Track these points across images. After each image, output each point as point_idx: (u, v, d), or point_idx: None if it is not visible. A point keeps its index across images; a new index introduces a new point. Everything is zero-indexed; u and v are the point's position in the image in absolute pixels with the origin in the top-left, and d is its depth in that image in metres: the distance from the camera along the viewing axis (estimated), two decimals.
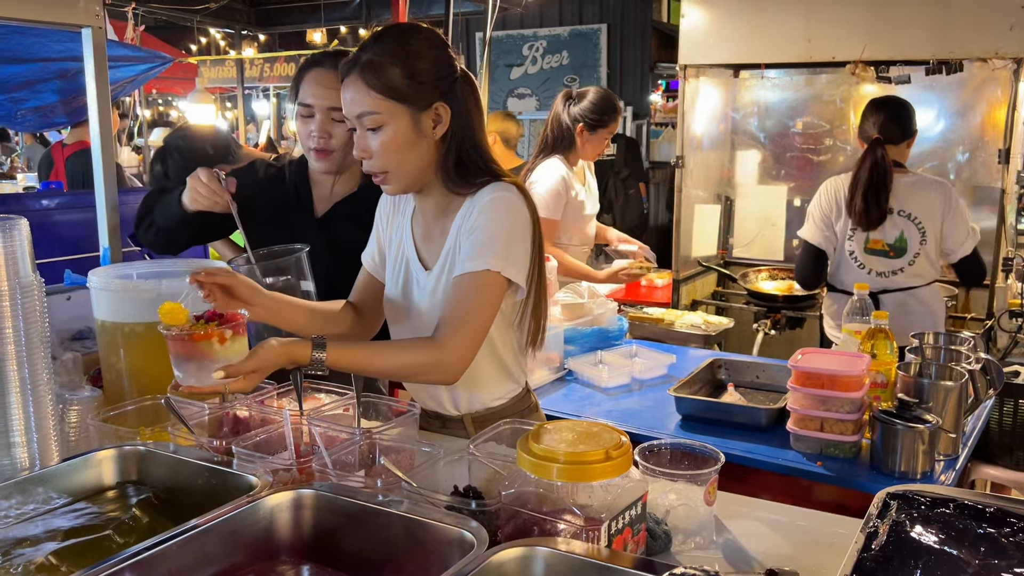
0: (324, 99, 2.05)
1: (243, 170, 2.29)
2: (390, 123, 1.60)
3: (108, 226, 2.35)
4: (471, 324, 1.57)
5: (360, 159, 1.66)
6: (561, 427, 1.23)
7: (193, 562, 1.12)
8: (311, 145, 2.08)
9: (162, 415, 1.57)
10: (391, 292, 1.82)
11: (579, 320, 3.01)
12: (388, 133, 1.60)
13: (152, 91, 11.45)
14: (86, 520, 1.28)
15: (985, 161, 4.05)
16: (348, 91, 1.61)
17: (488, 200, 1.62)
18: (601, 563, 1.03)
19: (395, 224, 1.84)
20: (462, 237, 1.64)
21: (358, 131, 1.64)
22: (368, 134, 1.62)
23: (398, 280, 1.79)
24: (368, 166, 1.65)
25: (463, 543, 1.09)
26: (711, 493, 1.38)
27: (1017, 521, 1.17)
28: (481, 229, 1.60)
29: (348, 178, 2.19)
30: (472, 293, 1.58)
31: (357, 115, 1.61)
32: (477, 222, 1.61)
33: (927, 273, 3.10)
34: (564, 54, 8.03)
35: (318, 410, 1.62)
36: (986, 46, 3.59)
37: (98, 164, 2.32)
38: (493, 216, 1.61)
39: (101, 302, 1.81)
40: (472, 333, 1.57)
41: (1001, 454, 2.75)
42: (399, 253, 1.80)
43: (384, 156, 1.62)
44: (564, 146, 3.42)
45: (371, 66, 1.59)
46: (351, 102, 1.61)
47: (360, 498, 1.22)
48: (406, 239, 1.79)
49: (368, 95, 1.59)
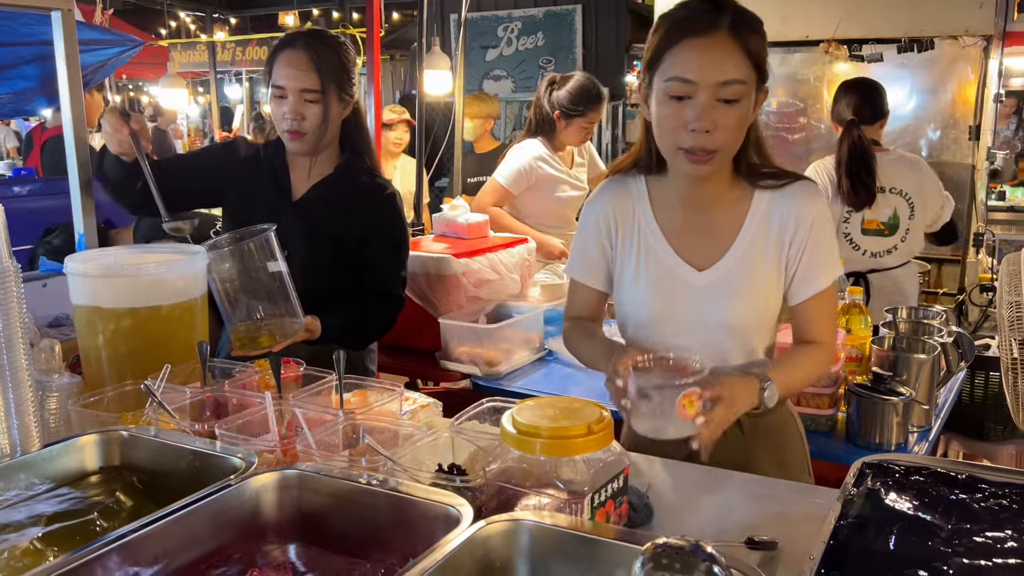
0: (296, 80, 2.03)
1: (227, 145, 2.28)
2: (746, 96, 1.44)
3: (83, 211, 2.33)
4: (836, 324, 1.69)
5: (705, 131, 1.43)
6: (543, 403, 1.24)
7: (179, 544, 1.13)
8: (284, 127, 2.07)
9: (143, 400, 1.56)
10: (636, 295, 1.64)
11: (558, 301, 3.02)
12: (743, 107, 1.44)
13: (122, 76, 11.26)
14: (70, 505, 1.27)
15: (956, 138, 4.11)
16: (714, 52, 1.41)
17: (819, 211, 1.56)
18: (585, 535, 1.05)
19: (626, 221, 1.66)
20: (802, 244, 1.55)
21: (702, 100, 1.42)
22: (719, 106, 1.42)
23: (644, 280, 1.63)
24: (702, 141, 1.44)
25: (448, 519, 1.11)
26: (687, 407, 1.31)
27: (988, 487, 1.20)
28: (828, 239, 1.58)
29: (324, 159, 2.18)
30: (833, 298, 1.62)
31: (721, 82, 1.41)
32: (824, 232, 1.56)
33: (914, 248, 3.17)
34: (539, 35, 8.00)
35: (302, 391, 1.62)
36: (956, 24, 3.64)
37: (71, 149, 2.29)
38: (820, 227, 1.56)
39: (78, 288, 1.80)
40: None
41: (972, 425, 2.81)
42: (641, 252, 1.63)
43: (732, 133, 1.46)
44: (546, 130, 3.47)
45: (746, 26, 1.43)
46: (719, 66, 1.41)
47: (344, 477, 1.23)
48: (652, 235, 1.62)
49: (743, 61, 1.42)
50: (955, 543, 1.07)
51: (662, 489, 1.46)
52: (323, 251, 2.13)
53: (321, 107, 2.05)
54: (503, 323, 2.69)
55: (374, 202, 2.18)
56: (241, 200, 2.17)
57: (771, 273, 1.58)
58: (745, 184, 1.59)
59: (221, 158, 2.24)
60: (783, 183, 1.57)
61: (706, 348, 1.49)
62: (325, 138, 2.11)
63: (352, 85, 2.15)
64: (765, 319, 1.62)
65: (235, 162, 2.20)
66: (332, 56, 2.08)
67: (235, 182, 2.19)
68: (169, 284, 1.78)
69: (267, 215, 2.00)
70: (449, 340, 2.71)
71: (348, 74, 2.12)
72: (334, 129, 2.14)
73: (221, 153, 2.27)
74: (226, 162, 2.22)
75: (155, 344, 1.76)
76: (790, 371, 1.56)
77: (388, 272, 2.20)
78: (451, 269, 2.81)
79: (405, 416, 1.61)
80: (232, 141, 2.30)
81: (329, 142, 2.15)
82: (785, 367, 1.56)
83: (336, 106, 2.10)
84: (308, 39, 2.07)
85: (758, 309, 1.60)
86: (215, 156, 2.28)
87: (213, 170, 2.22)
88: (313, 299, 1.98)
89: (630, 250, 1.65)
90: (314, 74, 2.03)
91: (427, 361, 2.78)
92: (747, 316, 1.59)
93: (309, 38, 2.08)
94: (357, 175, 2.19)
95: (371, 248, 2.17)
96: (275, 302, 1.90)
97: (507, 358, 2.65)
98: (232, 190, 2.20)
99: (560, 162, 3.51)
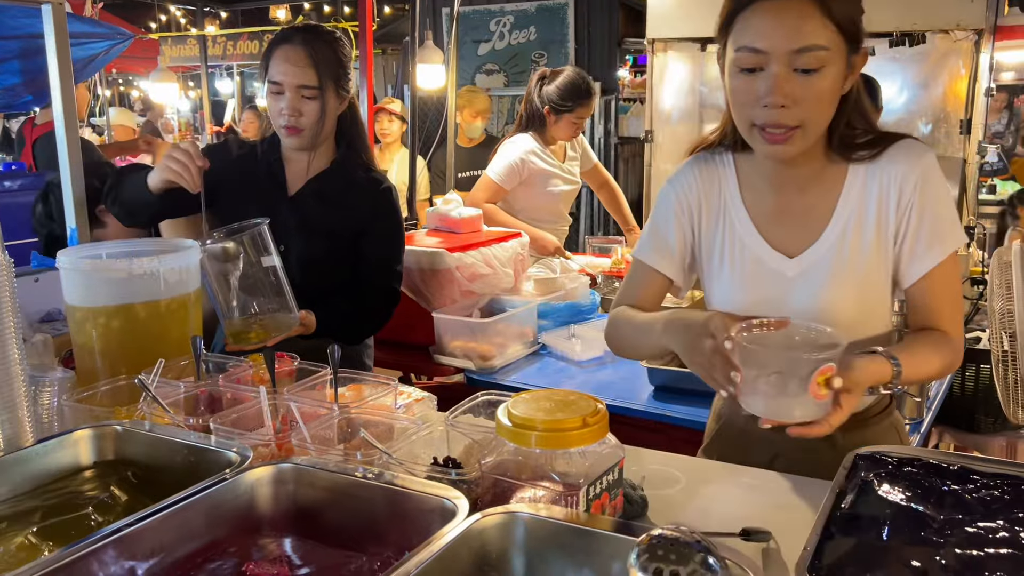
0: (293, 76, 2.02)
1: (217, 147, 2.27)
2: (832, 64, 1.28)
3: (75, 206, 2.32)
4: (962, 310, 1.41)
5: (780, 105, 1.28)
6: (539, 396, 1.24)
7: (175, 538, 1.13)
8: (281, 123, 2.07)
9: (136, 395, 1.56)
10: (721, 286, 1.51)
11: (552, 295, 3.03)
12: (827, 76, 1.28)
13: (112, 70, 11.19)
14: (64, 500, 1.28)
15: (948, 132, 4.13)
16: (787, 16, 1.26)
17: (924, 170, 1.36)
18: (580, 527, 1.06)
19: (712, 203, 1.51)
20: (906, 214, 1.37)
21: (775, 71, 1.27)
22: (796, 77, 1.27)
23: (729, 269, 1.49)
24: (778, 116, 1.29)
25: (444, 512, 1.11)
26: (821, 385, 1.15)
27: (980, 478, 1.21)
28: (940, 202, 1.37)
29: (321, 155, 2.18)
30: (956, 276, 1.40)
31: (796, 49, 1.25)
32: (933, 193, 1.37)
33: None
34: (531, 29, 7.98)
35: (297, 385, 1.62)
36: (948, 18, 3.65)
37: (63, 144, 2.28)
38: (930, 187, 1.37)
39: (71, 283, 1.79)
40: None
41: (963, 417, 2.83)
42: (727, 237, 1.49)
43: (814, 106, 1.30)
44: (536, 124, 3.48)
45: None
46: (792, 32, 1.25)
47: (340, 471, 1.23)
48: (738, 219, 1.48)
49: (824, 23, 1.25)
50: (947, 533, 1.08)
51: (657, 481, 1.46)
52: (319, 245, 2.13)
53: (319, 103, 2.05)
54: (497, 317, 2.69)
55: (370, 196, 2.18)
56: (236, 197, 2.16)
57: (873, 258, 1.41)
58: (839, 160, 1.42)
59: (213, 161, 2.21)
60: (879, 150, 1.40)
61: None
62: (322, 134, 2.11)
63: (348, 80, 2.15)
64: (869, 313, 1.45)
65: (227, 163, 2.19)
66: (329, 52, 2.07)
67: (228, 182, 2.18)
68: (162, 278, 1.77)
69: (263, 211, 1.99)
70: (443, 334, 2.72)
71: (345, 69, 2.12)
72: (331, 124, 2.14)
73: (212, 156, 2.24)
74: (216, 166, 2.20)
75: (148, 339, 1.76)
76: (914, 355, 1.33)
77: (384, 266, 2.20)
78: (444, 263, 2.81)
79: (400, 410, 1.61)
80: (223, 143, 2.30)
81: (326, 137, 2.15)
82: (908, 351, 1.34)
83: (333, 102, 2.10)
84: (305, 35, 2.06)
85: (858, 300, 1.43)
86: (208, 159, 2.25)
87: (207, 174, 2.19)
88: (309, 293, 1.98)
89: (716, 236, 1.50)
90: (311, 70, 2.03)
91: (421, 355, 2.78)
92: (845, 308, 1.42)
93: (306, 34, 2.07)
94: (353, 170, 2.19)
95: (367, 242, 2.17)
96: (269, 296, 1.90)
97: (501, 352, 2.66)
98: (225, 190, 2.19)
99: (552, 156, 3.52)
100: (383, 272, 2.20)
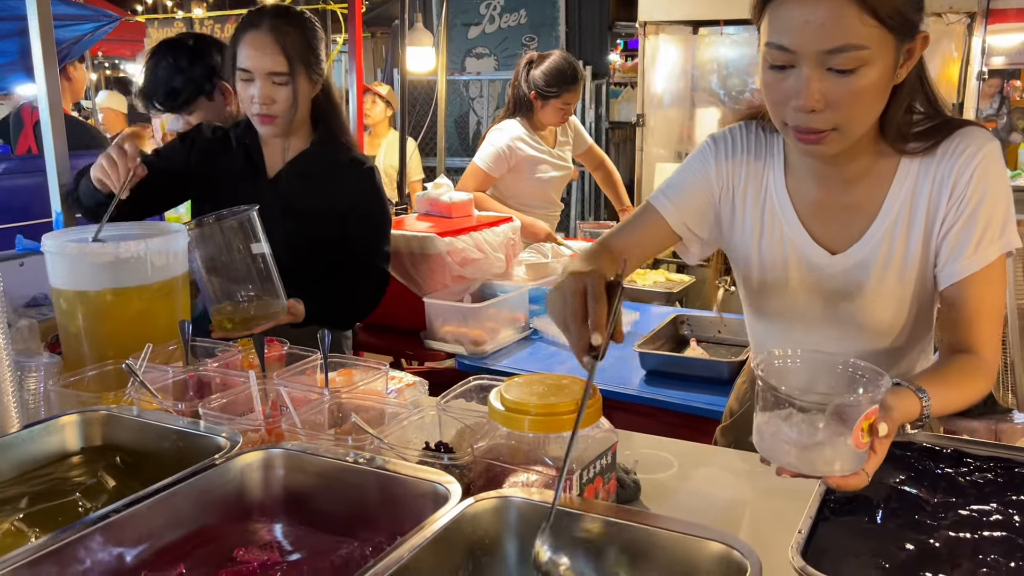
0: (263, 63, 1.97)
1: (189, 135, 2.24)
2: (874, 62, 1.14)
3: (60, 190, 2.29)
4: (1000, 327, 1.25)
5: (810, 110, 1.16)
6: (532, 380, 1.23)
7: (164, 523, 1.11)
8: (254, 111, 2.02)
9: (124, 380, 1.54)
10: (754, 277, 1.44)
11: (544, 280, 3.02)
12: (869, 76, 1.14)
13: (98, 53, 11.08)
14: (52, 485, 1.26)
15: None
16: (819, 11, 1.11)
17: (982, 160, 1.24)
18: (573, 511, 1.05)
19: (755, 181, 1.40)
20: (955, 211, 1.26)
21: (805, 72, 1.15)
22: (830, 78, 1.14)
23: (766, 261, 1.41)
24: (809, 120, 1.19)
25: (436, 496, 1.10)
26: (865, 432, 1.00)
27: (972, 461, 1.21)
28: (992, 200, 1.24)
29: (299, 137, 2.15)
30: (999, 284, 1.25)
31: (828, 50, 1.12)
32: (984, 190, 1.24)
33: None
34: (522, 12, 7.92)
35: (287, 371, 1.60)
36: (941, 0, 3.63)
37: (47, 126, 2.25)
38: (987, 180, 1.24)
39: (56, 267, 1.77)
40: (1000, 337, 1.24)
41: None
42: (765, 224, 1.40)
43: (851, 108, 1.17)
44: (524, 110, 3.44)
45: None
46: (823, 30, 1.11)
47: (331, 456, 1.22)
48: (780, 206, 1.38)
49: (863, 19, 1.11)
50: (941, 516, 1.08)
51: (650, 465, 1.46)
52: (303, 227, 2.10)
53: (290, 89, 2.01)
54: (488, 302, 2.68)
55: (352, 176, 2.15)
56: (213, 183, 2.13)
57: (920, 258, 1.31)
58: (891, 152, 1.30)
59: (184, 153, 2.18)
60: (934, 141, 1.27)
61: (841, 347, 1.30)
62: (296, 119, 2.07)
63: (320, 63, 2.10)
64: (912, 317, 1.36)
65: (201, 149, 2.16)
66: (298, 35, 2.02)
67: (204, 169, 2.15)
68: (149, 263, 1.75)
69: (242, 195, 1.96)
70: (434, 319, 2.70)
71: (315, 53, 2.07)
72: (304, 109, 2.10)
73: (182, 148, 2.20)
74: (190, 154, 2.17)
75: (136, 323, 1.74)
76: (944, 387, 1.18)
77: (371, 246, 2.17)
78: (435, 248, 2.80)
79: (391, 395, 1.60)
80: (195, 128, 2.24)
81: (301, 122, 2.12)
82: (938, 382, 1.18)
83: (305, 86, 2.06)
84: (273, 20, 2.01)
85: (902, 303, 1.35)
86: (177, 153, 2.20)
87: (177, 168, 2.15)
88: (295, 278, 1.96)
89: (754, 217, 1.40)
90: (281, 56, 1.98)
91: (412, 341, 2.77)
92: (887, 311, 1.34)
93: (274, 19, 2.01)
94: (333, 150, 2.16)
95: (352, 223, 2.14)
96: (257, 284, 1.88)
97: (492, 337, 2.65)
98: (201, 177, 2.16)
99: (541, 142, 3.48)
100: (370, 253, 2.17)
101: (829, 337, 1.40)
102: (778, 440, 1.02)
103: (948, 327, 1.30)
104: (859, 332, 1.38)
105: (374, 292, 2.19)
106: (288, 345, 1.71)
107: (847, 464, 1.00)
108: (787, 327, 1.46)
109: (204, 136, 2.19)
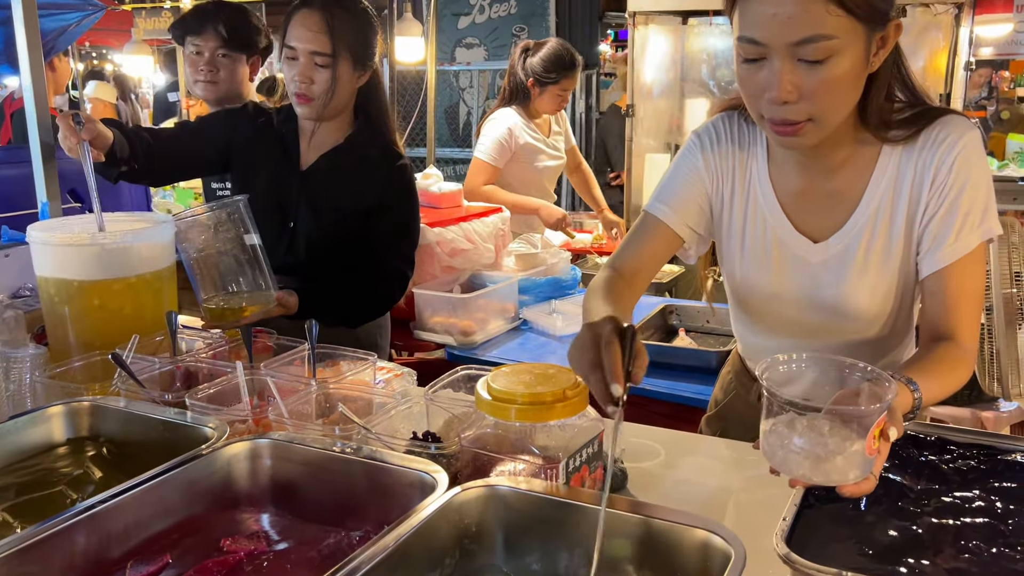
0: (307, 43, 1.94)
1: (236, 112, 2.21)
2: (844, 51, 1.15)
3: (45, 180, 2.27)
4: (980, 314, 1.26)
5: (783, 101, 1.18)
6: (519, 370, 1.24)
7: (151, 514, 1.12)
8: (293, 90, 1.99)
9: (111, 371, 1.54)
10: (739, 267, 1.44)
11: (533, 270, 3.02)
12: (840, 65, 1.15)
13: (85, 43, 10.98)
14: (38, 476, 1.26)
15: None
16: (787, 3, 1.12)
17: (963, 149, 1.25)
18: (560, 499, 1.05)
19: (740, 172, 1.42)
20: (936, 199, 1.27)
21: (776, 65, 1.17)
22: (802, 68, 1.16)
23: (749, 250, 1.42)
24: (783, 112, 1.20)
25: (424, 485, 1.10)
26: (876, 439, 1.00)
27: (956, 449, 1.22)
28: (972, 188, 1.25)
29: (336, 128, 2.10)
30: (978, 272, 1.27)
31: (796, 41, 1.14)
32: (965, 178, 1.25)
33: None
34: (512, 3, 7.89)
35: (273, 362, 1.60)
36: None
37: (31, 116, 2.23)
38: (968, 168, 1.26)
39: (43, 258, 1.76)
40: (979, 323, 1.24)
41: None
42: (749, 213, 1.41)
43: (825, 97, 1.18)
44: (520, 98, 3.44)
45: None
46: (791, 22, 1.13)
47: (318, 445, 1.22)
48: (763, 196, 1.39)
49: (827, 11, 1.12)
50: (924, 503, 1.09)
51: (636, 454, 1.46)
52: (327, 223, 2.05)
53: (330, 72, 1.95)
54: (478, 293, 2.68)
55: (383, 174, 2.08)
56: (248, 168, 2.11)
57: (902, 247, 1.33)
58: (872, 140, 1.32)
59: (226, 125, 2.16)
60: (916, 129, 1.29)
61: (824, 338, 1.32)
62: (333, 105, 2.01)
63: (369, 54, 2.03)
64: (895, 305, 1.37)
65: (243, 128, 2.13)
66: (349, 19, 1.97)
67: (242, 149, 2.12)
68: (136, 253, 1.74)
69: (273, 183, 1.93)
70: (423, 310, 2.70)
71: (364, 42, 2.01)
72: (344, 96, 2.03)
73: (226, 120, 2.19)
74: (232, 129, 2.14)
75: (123, 314, 1.73)
76: (932, 378, 1.18)
77: (394, 248, 2.08)
78: (425, 239, 2.79)
79: (379, 386, 1.60)
80: (243, 107, 2.21)
81: (339, 110, 2.06)
82: (926, 373, 1.18)
83: (347, 73, 1.99)
84: (325, 0, 1.95)
85: (886, 292, 1.36)
86: (220, 124, 2.19)
87: (217, 138, 2.14)
88: (314, 272, 1.93)
89: (738, 207, 1.42)
90: (325, 36, 1.93)
91: (401, 331, 2.77)
92: (870, 299, 1.35)
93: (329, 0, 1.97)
94: (368, 146, 2.09)
95: (378, 221, 2.06)
96: (248, 275, 1.86)
97: (482, 328, 2.65)
98: (239, 158, 2.13)
99: (537, 130, 3.49)
100: (392, 254, 2.08)
101: (813, 327, 1.41)
102: (789, 451, 1.02)
103: (928, 314, 1.31)
104: (842, 321, 1.39)
105: (389, 294, 2.11)
106: (276, 335, 1.70)
107: (860, 471, 1.01)
108: (771, 317, 1.46)
109: (249, 115, 2.17)
